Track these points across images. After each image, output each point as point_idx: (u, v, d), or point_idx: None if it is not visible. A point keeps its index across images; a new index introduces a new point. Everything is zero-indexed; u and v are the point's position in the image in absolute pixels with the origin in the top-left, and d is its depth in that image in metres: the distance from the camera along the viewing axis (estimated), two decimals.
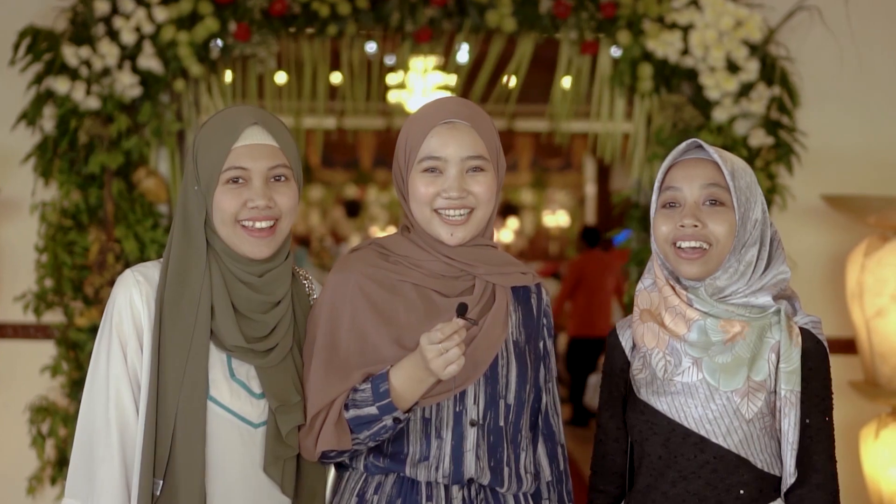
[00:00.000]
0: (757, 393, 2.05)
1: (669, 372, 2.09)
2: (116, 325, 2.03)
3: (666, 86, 4.34)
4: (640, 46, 4.30)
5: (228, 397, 2.05)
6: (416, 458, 2.09)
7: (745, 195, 2.06)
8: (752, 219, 2.07)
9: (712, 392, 2.05)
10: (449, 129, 2.11)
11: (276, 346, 2.08)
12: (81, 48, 4.16)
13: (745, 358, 2.05)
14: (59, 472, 4.25)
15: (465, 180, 2.10)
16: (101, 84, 4.19)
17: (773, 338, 2.07)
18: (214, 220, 2.08)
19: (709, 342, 2.07)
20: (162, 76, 4.25)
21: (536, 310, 2.26)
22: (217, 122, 2.10)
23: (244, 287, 2.07)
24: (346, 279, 2.13)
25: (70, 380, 4.24)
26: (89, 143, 4.18)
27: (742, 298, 2.08)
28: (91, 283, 4.16)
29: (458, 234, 2.12)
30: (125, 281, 2.06)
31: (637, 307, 2.18)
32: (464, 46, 4.56)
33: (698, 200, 2.07)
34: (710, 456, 2.06)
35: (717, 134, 4.20)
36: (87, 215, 4.22)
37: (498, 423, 2.13)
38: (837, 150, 4.42)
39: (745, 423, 2.05)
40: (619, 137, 4.57)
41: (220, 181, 2.06)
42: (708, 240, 2.06)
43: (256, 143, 2.07)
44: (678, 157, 2.12)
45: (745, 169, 2.09)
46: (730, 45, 4.20)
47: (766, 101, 4.21)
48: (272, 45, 4.36)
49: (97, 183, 4.23)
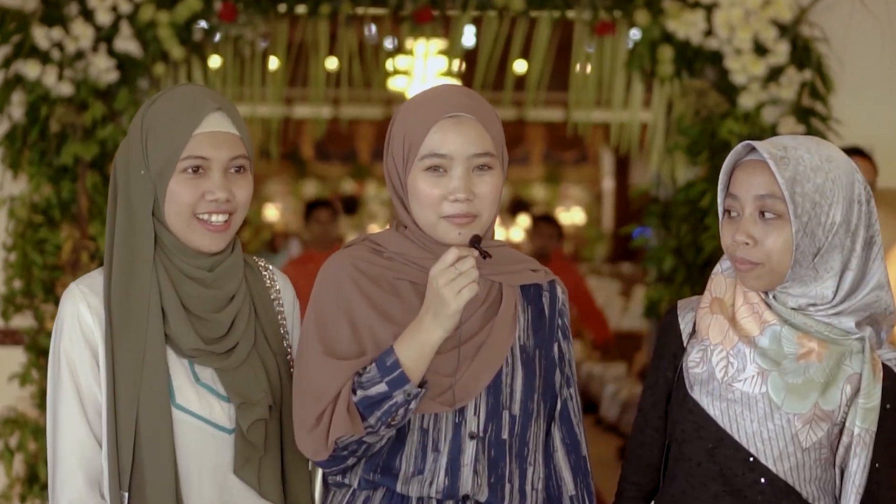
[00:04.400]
0: (821, 423, 2.03)
1: (731, 375, 2.06)
2: (66, 352, 2.04)
3: (688, 70, 4.33)
4: (659, 27, 4.29)
5: (197, 404, 2.05)
6: (410, 472, 2.09)
7: (811, 200, 2.00)
8: (827, 223, 2.01)
9: (773, 410, 2.03)
10: (454, 124, 2.09)
11: (236, 345, 2.08)
12: (53, 29, 4.15)
13: (817, 383, 2.02)
14: (30, 489, 4.24)
15: (472, 180, 2.09)
16: (75, 68, 4.18)
17: (852, 368, 2.04)
18: (166, 211, 2.06)
19: (780, 353, 2.04)
20: (140, 60, 4.24)
21: (549, 310, 2.24)
22: (174, 102, 2.08)
23: (194, 284, 2.06)
24: (338, 271, 2.12)
25: (41, 389, 4.23)
26: (62, 133, 4.17)
27: (824, 317, 2.05)
28: (63, 285, 4.12)
29: (466, 232, 2.10)
30: (70, 296, 2.06)
31: (708, 292, 2.14)
32: (469, 29, 4.55)
33: (753, 213, 2.04)
34: (758, 476, 2.05)
35: (743, 122, 4.19)
36: (59, 211, 4.21)
37: (500, 437, 2.12)
38: (875, 140, 4.38)
39: (801, 451, 2.03)
40: (637, 127, 4.55)
41: (176, 169, 2.04)
42: (759, 259, 2.04)
43: (219, 131, 2.07)
44: (741, 159, 2.08)
45: (818, 167, 2.01)
46: (757, 26, 4.18)
47: (796, 87, 4.20)
48: (260, 25, 4.36)
49: (70, 176, 4.22)
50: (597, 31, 4.40)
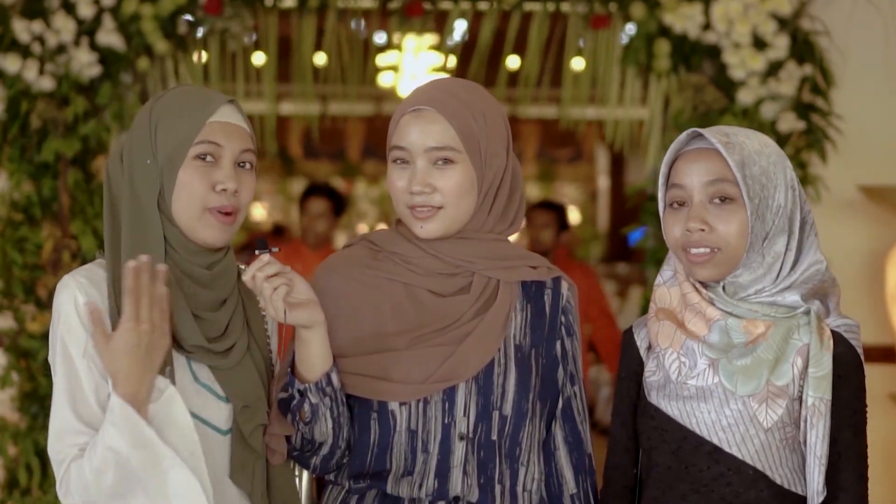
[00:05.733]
0: (777, 399, 2.04)
1: (683, 374, 2.09)
2: (65, 336, 2.01)
3: (685, 64, 4.32)
4: (656, 20, 4.28)
5: (194, 402, 2.05)
6: (400, 472, 2.12)
7: (759, 183, 2.04)
8: (774, 206, 2.06)
9: (728, 396, 2.05)
10: (415, 117, 2.13)
11: (233, 345, 2.09)
12: (34, 22, 4.14)
13: (766, 360, 2.04)
14: (9, 495, 4.22)
15: (432, 173, 2.12)
16: (56, 62, 4.17)
17: (801, 340, 2.06)
18: (174, 202, 2.06)
19: (730, 344, 2.06)
20: (124, 54, 4.23)
21: (551, 308, 2.25)
22: (185, 95, 2.11)
23: (193, 282, 2.07)
24: (328, 284, 2.16)
25: (21, 392, 4.22)
26: (42, 129, 4.16)
27: (768, 297, 2.07)
28: (44, 285, 4.14)
29: (428, 227, 2.13)
30: (67, 286, 2.04)
31: (653, 304, 2.17)
32: (460, 23, 4.54)
33: (704, 199, 2.06)
34: (724, 468, 2.06)
35: (741, 118, 4.19)
36: (39, 209, 4.20)
37: (490, 437, 2.13)
38: (877, 136, 4.40)
39: (763, 431, 2.04)
40: (633, 123, 4.55)
41: (188, 155, 2.04)
42: (717, 244, 2.06)
43: (232, 122, 2.10)
44: (682, 149, 2.11)
45: (760, 151, 2.06)
46: (756, 19, 4.18)
47: (797, 82, 4.19)
48: (247, 19, 4.35)
49: (51, 172, 4.21)
50: (592, 25, 4.39)
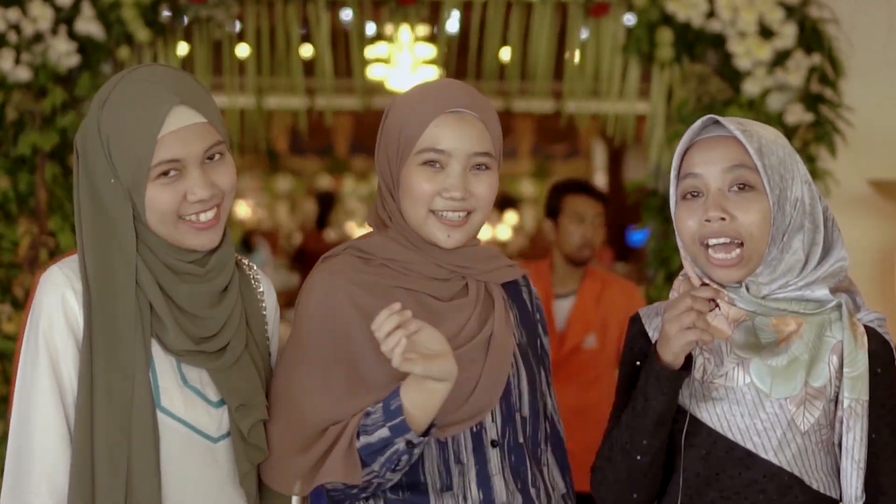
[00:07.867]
0: (815, 401, 2.03)
1: (710, 373, 2.07)
2: (45, 334, 1.97)
3: (689, 54, 4.33)
4: (658, 8, 4.30)
5: (183, 408, 2.02)
6: (438, 487, 2.10)
7: (778, 173, 2.03)
8: (792, 199, 2.04)
9: (762, 399, 2.03)
10: (457, 120, 2.13)
11: (227, 344, 2.06)
12: (9, 10, 4.14)
13: (802, 360, 2.03)
14: None
15: (469, 179, 2.13)
16: (33, 52, 4.17)
17: (835, 337, 2.04)
18: (148, 219, 2.02)
19: (758, 344, 2.05)
20: (103, 43, 4.23)
21: (530, 305, 2.30)
22: (129, 101, 2.00)
23: (185, 280, 2.04)
24: (333, 285, 2.13)
25: None
26: (19, 121, 4.17)
27: (794, 291, 2.05)
28: (21, 284, 4.14)
29: (456, 236, 2.15)
30: (53, 280, 2.00)
31: (675, 292, 2.14)
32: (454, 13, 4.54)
33: (723, 187, 2.05)
34: (757, 474, 2.04)
35: (747, 109, 4.21)
36: (16, 204, 4.20)
37: (517, 440, 2.15)
38: (887, 128, 4.42)
39: (800, 435, 2.03)
40: (633, 117, 4.55)
41: (150, 177, 1.99)
42: (739, 235, 2.03)
43: (185, 126, 2.01)
44: (695, 137, 2.10)
45: (775, 141, 2.06)
46: (763, 7, 4.19)
47: (804, 72, 4.20)
48: (232, 7, 4.35)
49: (28, 167, 4.21)
50: (592, 13, 4.39)
